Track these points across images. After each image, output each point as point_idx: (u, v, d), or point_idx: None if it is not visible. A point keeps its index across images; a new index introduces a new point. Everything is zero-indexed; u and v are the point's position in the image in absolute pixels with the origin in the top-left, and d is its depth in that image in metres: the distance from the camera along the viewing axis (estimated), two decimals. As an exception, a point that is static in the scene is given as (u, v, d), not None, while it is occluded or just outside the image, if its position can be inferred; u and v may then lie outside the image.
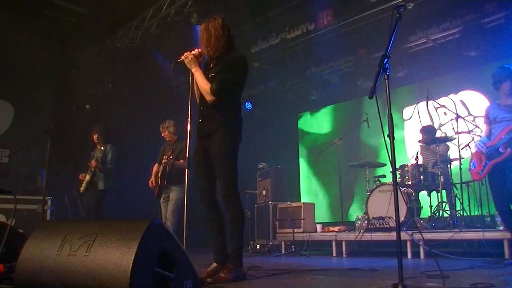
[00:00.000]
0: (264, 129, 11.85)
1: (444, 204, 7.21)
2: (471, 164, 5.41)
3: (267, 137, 11.72)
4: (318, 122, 12.10)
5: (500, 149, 5.14)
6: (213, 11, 8.98)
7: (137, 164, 9.49)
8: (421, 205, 7.54)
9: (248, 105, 11.84)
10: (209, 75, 4.15)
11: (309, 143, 12.14)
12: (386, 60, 3.16)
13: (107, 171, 7.78)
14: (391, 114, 3.16)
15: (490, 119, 5.38)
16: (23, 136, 9.37)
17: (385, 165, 8.52)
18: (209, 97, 4.08)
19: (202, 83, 4.12)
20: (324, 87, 11.30)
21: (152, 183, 7.15)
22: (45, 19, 9.50)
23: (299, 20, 9.54)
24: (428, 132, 8.12)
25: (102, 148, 7.88)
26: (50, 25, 9.53)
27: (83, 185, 7.83)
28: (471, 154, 5.50)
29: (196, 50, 4.20)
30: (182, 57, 4.17)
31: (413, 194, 7.43)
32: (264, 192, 10.02)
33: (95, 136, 8.04)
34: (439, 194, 7.29)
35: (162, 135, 7.45)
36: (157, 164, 7.34)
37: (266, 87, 11.26)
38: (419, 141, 8.15)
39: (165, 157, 6.87)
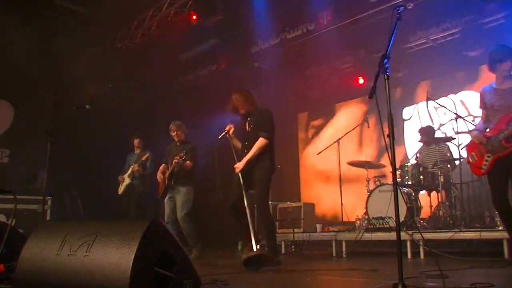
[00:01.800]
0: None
1: (444, 204, 7.17)
2: (469, 156, 5.03)
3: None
4: (318, 122, 12.10)
5: (503, 143, 4.69)
6: (212, 11, 9.00)
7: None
8: (421, 205, 7.52)
9: None
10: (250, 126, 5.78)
11: (309, 143, 12.16)
12: (386, 60, 3.17)
13: (147, 176, 8.17)
14: (391, 114, 3.17)
15: (486, 104, 4.96)
16: (24, 136, 9.38)
17: (385, 166, 8.54)
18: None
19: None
20: (324, 87, 11.28)
21: (159, 179, 7.21)
22: (45, 19, 9.49)
23: (299, 20, 9.51)
24: (427, 133, 8.11)
25: (143, 154, 8.26)
26: (50, 24, 9.52)
27: (121, 187, 8.30)
28: (468, 144, 5.13)
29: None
30: (226, 129, 5.85)
31: (413, 194, 7.40)
32: None
33: (136, 141, 8.46)
34: (439, 194, 7.28)
35: (172, 133, 7.45)
36: (163, 164, 7.34)
37: (266, 86, 11.20)
38: (419, 141, 8.14)
39: (177, 157, 6.89)
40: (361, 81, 10.52)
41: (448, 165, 7.48)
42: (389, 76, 3.17)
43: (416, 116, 10.11)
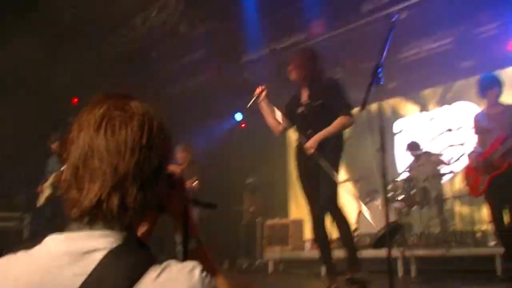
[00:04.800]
0: (254, 142, 11.73)
1: (435, 219, 7.21)
2: (467, 180, 5.27)
3: (256, 151, 11.60)
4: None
5: (498, 161, 4.94)
6: (202, 19, 9.06)
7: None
8: (413, 221, 7.55)
9: (239, 116, 11.68)
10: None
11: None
12: (379, 69, 3.25)
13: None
14: (383, 126, 3.23)
15: (481, 129, 5.26)
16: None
17: (376, 180, 8.41)
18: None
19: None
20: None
21: None
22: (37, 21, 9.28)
23: (289, 29, 9.50)
24: (413, 149, 8.15)
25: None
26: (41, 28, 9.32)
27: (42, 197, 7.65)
28: (465, 168, 5.38)
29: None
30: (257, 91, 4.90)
31: (404, 209, 7.41)
32: (251, 209, 9.98)
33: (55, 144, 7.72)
34: (430, 209, 7.30)
35: (179, 155, 7.30)
36: None
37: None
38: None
39: (193, 182, 6.80)
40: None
41: (440, 180, 7.53)
42: (382, 86, 3.23)
43: (407, 129, 10.01)
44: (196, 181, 6.74)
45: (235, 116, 11.63)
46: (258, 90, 4.88)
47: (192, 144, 7.73)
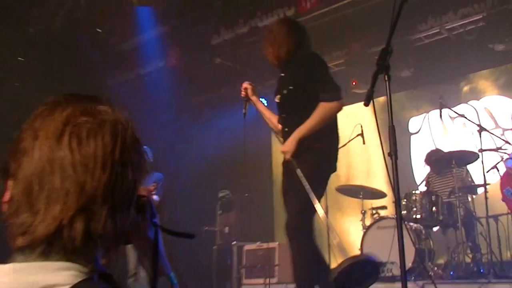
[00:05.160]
0: (231, 146, 11.57)
1: (465, 245, 7.09)
2: (504, 191, 5.21)
3: (231, 156, 11.44)
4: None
5: None
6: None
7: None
8: (434, 246, 7.41)
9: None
10: None
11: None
12: (387, 56, 3.25)
13: None
14: (393, 126, 3.23)
15: None
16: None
17: (386, 195, 8.39)
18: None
19: None
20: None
21: None
22: None
23: (274, 3, 9.44)
24: (436, 161, 8.09)
25: None
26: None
27: None
28: (501, 178, 5.25)
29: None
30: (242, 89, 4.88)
31: (423, 231, 7.33)
32: (226, 229, 9.95)
33: None
34: (458, 231, 7.17)
35: None
36: None
37: (230, 89, 11.01)
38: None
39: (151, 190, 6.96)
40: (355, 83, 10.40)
41: (469, 194, 7.46)
42: (391, 77, 3.26)
43: (426, 129, 10.07)
44: (154, 188, 6.91)
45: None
46: (243, 92, 4.86)
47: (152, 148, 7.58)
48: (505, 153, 6.78)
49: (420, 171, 9.79)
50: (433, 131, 10.02)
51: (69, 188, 1.14)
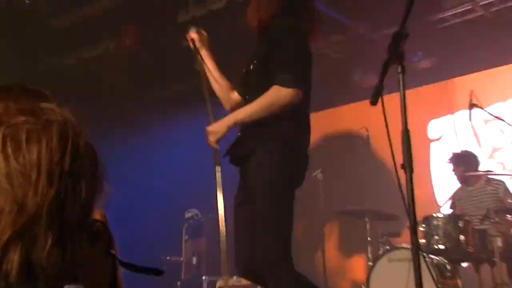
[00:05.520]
0: (198, 151, 11.50)
1: (505, 286, 6.95)
2: None
3: (201, 166, 11.31)
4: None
5: None
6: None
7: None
8: (464, 286, 7.27)
9: None
10: None
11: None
12: (401, 40, 3.23)
13: None
14: (407, 130, 3.20)
15: None
16: None
17: (399, 218, 8.27)
18: None
19: None
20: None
21: None
22: None
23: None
24: (465, 163, 8.07)
25: None
26: None
27: None
28: None
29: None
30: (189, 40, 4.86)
31: (449, 267, 7.17)
32: (194, 260, 9.97)
33: None
34: (495, 268, 7.05)
35: None
36: None
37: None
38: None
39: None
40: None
41: (509, 216, 7.33)
42: (406, 68, 3.24)
43: (451, 134, 10.07)
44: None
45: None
46: (188, 39, 4.85)
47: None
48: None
49: (443, 188, 9.74)
50: (459, 137, 10.00)
51: (2, 205, 1.12)
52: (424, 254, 6.57)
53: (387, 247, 7.64)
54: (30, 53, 10.64)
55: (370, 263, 7.57)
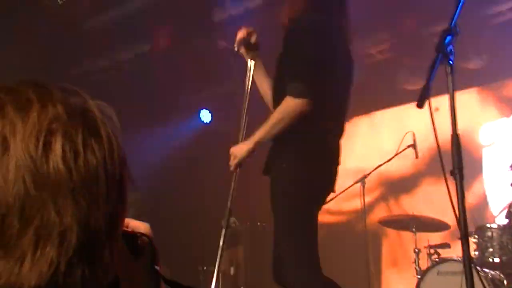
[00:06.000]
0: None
1: None
2: None
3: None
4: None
5: None
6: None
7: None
8: None
9: (206, 116, 11.73)
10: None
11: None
12: (449, 38, 3.29)
13: None
14: (457, 135, 3.24)
15: None
16: None
17: (449, 228, 8.06)
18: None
19: None
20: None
21: None
22: None
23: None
24: None
25: None
26: None
27: None
28: None
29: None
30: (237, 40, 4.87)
31: (506, 282, 6.88)
32: (232, 270, 9.90)
33: None
34: None
35: None
36: None
37: (236, 84, 10.70)
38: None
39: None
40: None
41: None
42: (455, 68, 3.27)
43: (505, 140, 9.89)
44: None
45: (200, 115, 11.72)
46: (240, 35, 4.81)
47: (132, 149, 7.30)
48: None
49: (498, 196, 9.53)
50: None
51: (69, 223, 1.06)
52: (477, 267, 6.23)
53: (436, 259, 7.50)
54: (62, 55, 10.55)
55: (418, 276, 7.38)
